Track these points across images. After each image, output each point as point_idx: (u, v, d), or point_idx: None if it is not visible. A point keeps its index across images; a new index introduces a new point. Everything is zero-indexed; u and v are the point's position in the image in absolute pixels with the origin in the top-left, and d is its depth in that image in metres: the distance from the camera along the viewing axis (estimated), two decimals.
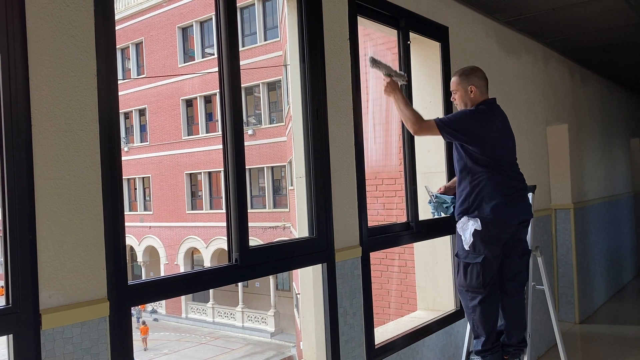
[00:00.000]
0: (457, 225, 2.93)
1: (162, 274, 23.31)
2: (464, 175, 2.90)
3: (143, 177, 26.24)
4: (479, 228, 2.80)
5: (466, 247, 2.86)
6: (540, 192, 5.23)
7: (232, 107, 2.27)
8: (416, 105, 3.45)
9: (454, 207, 3.05)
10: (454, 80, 3.01)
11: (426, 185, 3.22)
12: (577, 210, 5.93)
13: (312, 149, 2.66)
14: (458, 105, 3.01)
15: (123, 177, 1.88)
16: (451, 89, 3.04)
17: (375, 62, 2.90)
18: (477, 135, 2.84)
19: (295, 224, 4.28)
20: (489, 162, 2.85)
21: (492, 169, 2.85)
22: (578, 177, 6.16)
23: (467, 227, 2.85)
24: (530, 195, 3.16)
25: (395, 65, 3.17)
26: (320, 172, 2.67)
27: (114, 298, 1.80)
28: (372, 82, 6.00)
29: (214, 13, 2.32)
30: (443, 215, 3.15)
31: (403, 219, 3.36)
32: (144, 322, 22.26)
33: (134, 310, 24.86)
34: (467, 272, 2.87)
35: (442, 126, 2.82)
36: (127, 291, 1.85)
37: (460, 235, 2.90)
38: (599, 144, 7.12)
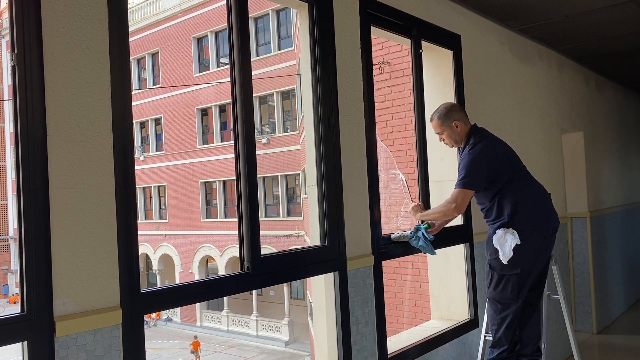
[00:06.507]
0: (493, 238, 2.88)
1: (177, 282, 23.40)
2: (490, 192, 2.90)
3: (159, 186, 26.43)
4: (519, 242, 2.78)
5: (504, 262, 2.82)
6: (555, 200, 5.14)
7: (244, 117, 2.29)
8: (428, 114, 3.45)
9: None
10: (436, 123, 3.01)
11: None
12: (594, 219, 5.85)
13: (324, 157, 2.67)
14: (448, 143, 3.04)
15: (139, 186, 1.91)
16: (436, 132, 3.05)
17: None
18: (493, 163, 2.86)
19: (309, 232, 4.28)
20: (509, 174, 2.88)
21: (516, 179, 2.88)
22: (594, 185, 6.09)
23: (506, 241, 2.81)
24: None
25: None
26: (331, 181, 2.68)
27: (126, 306, 1.82)
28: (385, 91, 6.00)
29: (227, 24, 2.35)
30: (429, 253, 2.98)
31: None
32: (195, 337, 21.24)
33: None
34: (502, 283, 2.85)
35: (468, 184, 2.79)
36: (140, 299, 1.87)
37: (497, 249, 2.84)
38: (616, 151, 7.04)
